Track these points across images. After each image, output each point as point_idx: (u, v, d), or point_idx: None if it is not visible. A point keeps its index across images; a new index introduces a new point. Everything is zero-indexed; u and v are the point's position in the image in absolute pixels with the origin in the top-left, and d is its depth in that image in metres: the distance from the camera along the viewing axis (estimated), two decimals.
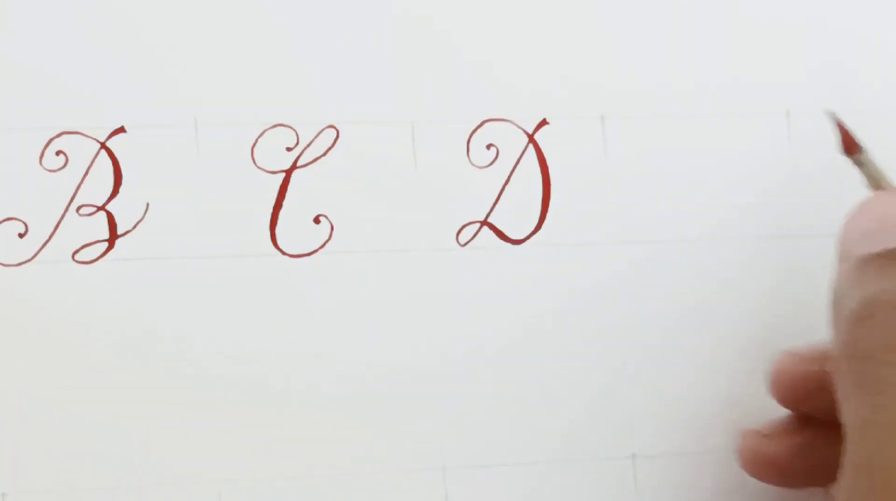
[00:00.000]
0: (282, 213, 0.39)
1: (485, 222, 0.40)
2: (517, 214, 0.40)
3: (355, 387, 0.38)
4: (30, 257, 0.38)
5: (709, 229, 0.41)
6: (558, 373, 0.40)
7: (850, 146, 0.39)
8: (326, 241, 0.39)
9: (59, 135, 0.39)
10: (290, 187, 0.39)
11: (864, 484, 0.32)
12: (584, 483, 0.39)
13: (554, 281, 0.40)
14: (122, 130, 0.39)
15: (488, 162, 0.40)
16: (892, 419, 0.32)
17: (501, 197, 0.40)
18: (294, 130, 0.40)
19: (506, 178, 0.40)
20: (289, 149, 0.39)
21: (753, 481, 0.39)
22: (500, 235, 0.40)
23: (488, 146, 0.40)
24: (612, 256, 0.40)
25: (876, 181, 0.38)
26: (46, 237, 0.38)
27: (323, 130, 0.40)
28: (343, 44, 0.40)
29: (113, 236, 0.38)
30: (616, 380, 0.40)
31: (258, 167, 0.39)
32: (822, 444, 0.35)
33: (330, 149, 0.40)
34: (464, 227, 0.40)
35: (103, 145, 0.39)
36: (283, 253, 0.39)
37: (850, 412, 0.33)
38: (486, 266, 0.40)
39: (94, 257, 0.38)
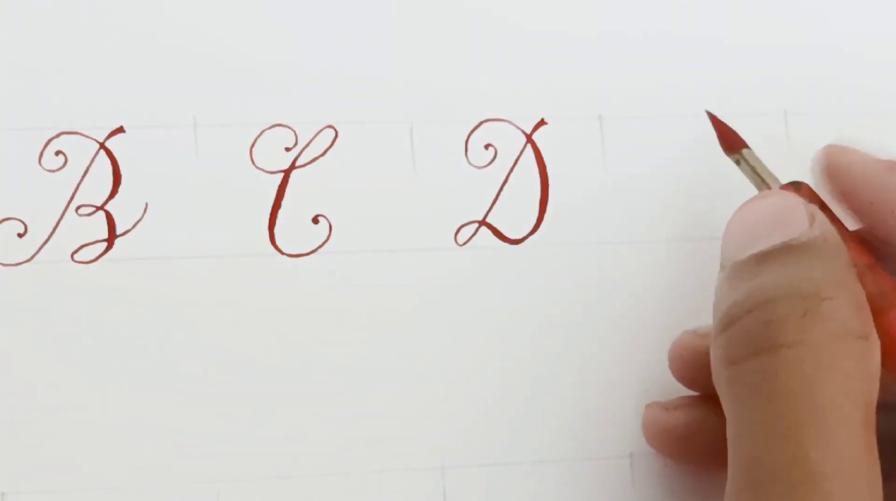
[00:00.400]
0: (280, 213, 0.39)
1: (483, 222, 0.40)
2: (515, 214, 0.40)
3: (354, 387, 0.39)
4: (29, 256, 0.38)
5: (707, 229, 0.41)
6: (556, 372, 0.40)
7: (732, 143, 0.39)
8: (325, 241, 0.39)
9: (58, 135, 0.39)
10: (288, 187, 0.39)
11: (740, 484, 0.32)
12: (582, 481, 0.39)
13: (552, 281, 0.40)
14: (121, 130, 0.39)
15: (487, 162, 0.40)
16: (757, 420, 0.32)
17: (500, 197, 0.40)
18: (293, 130, 0.40)
19: (504, 178, 0.40)
20: (287, 149, 0.40)
21: None
22: (499, 234, 0.40)
23: (486, 146, 0.40)
24: (610, 255, 0.40)
25: (759, 179, 0.38)
26: (46, 237, 0.38)
27: (321, 130, 0.40)
28: (341, 44, 0.40)
29: (112, 236, 0.39)
30: (614, 379, 0.40)
31: (257, 167, 0.39)
32: (719, 421, 0.35)
33: (328, 149, 0.40)
34: (462, 227, 0.40)
35: (102, 146, 0.39)
36: (282, 253, 0.39)
37: (727, 415, 0.33)
38: (484, 266, 0.40)
39: (94, 256, 0.38)
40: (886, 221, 0.36)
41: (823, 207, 0.36)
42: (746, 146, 0.39)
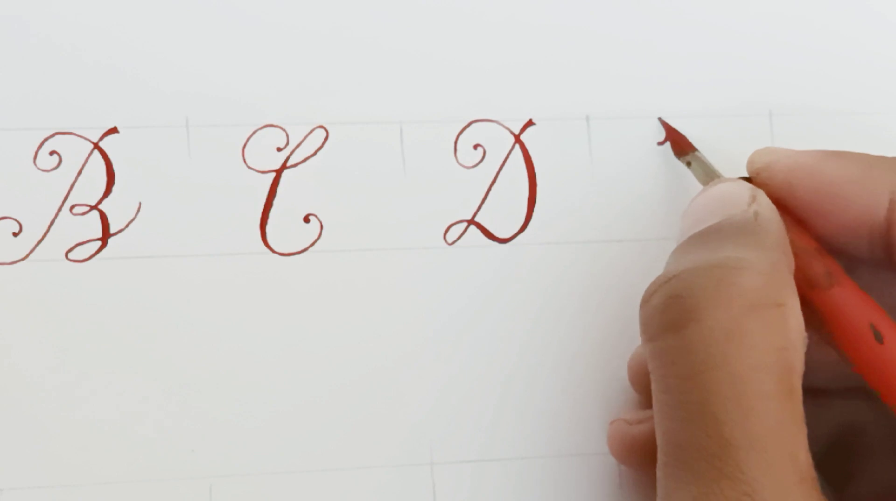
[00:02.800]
0: (272, 212, 0.39)
1: (472, 222, 0.40)
2: (504, 213, 0.40)
3: (345, 384, 0.39)
4: (24, 255, 0.38)
5: None
6: (544, 369, 0.40)
7: (683, 147, 0.39)
8: (316, 240, 0.40)
9: (52, 135, 0.39)
10: (280, 187, 0.40)
11: (664, 458, 0.33)
12: (571, 477, 0.40)
13: (540, 279, 0.40)
14: (114, 130, 0.39)
15: (475, 162, 0.41)
16: (673, 395, 0.32)
17: (488, 197, 0.40)
18: (284, 130, 0.40)
19: (492, 177, 0.41)
20: (279, 149, 0.40)
21: None
22: (487, 234, 0.40)
23: (475, 146, 0.41)
24: (597, 254, 0.40)
25: (708, 179, 0.39)
26: (40, 236, 0.38)
27: (313, 130, 0.40)
28: (332, 45, 0.40)
29: (106, 235, 0.39)
30: (602, 376, 0.40)
31: (249, 167, 0.40)
32: None
33: (319, 149, 0.40)
34: (451, 226, 0.40)
35: (96, 146, 0.39)
36: (274, 251, 0.39)
37: (652, 390, 0.34)
38: (473, 265, 0.40)
39: (88, 255, 0.39)
40: (826, 209, 0.36)
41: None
42: (695, 149, 0.39)
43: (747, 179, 0.37)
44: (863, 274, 0.36)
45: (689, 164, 0.39)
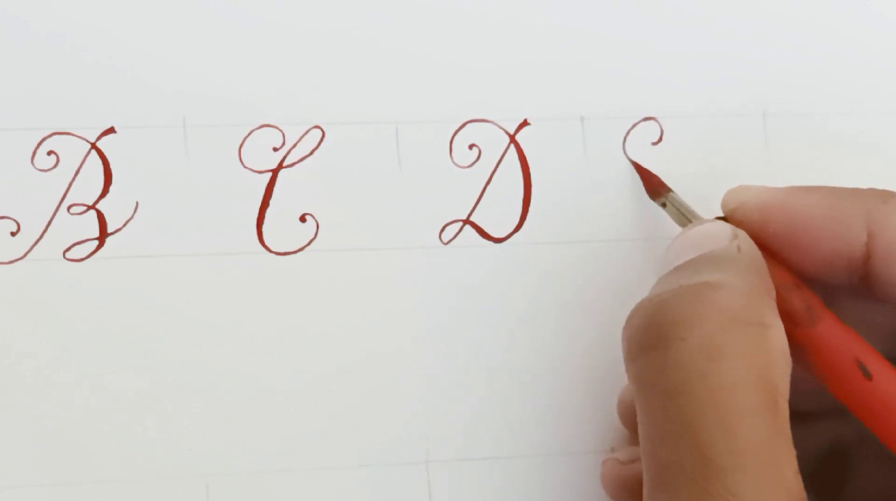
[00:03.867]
0: (268, 212, 0.40)
1: (467, 221, 0.40)
2: (499, 212, 0.40)
3: (340, 383, 0.39)
4: (21, 255, 0.38)
5: None
6: (539, 368, 0.40)
7: (657, 189, 0.39)
8: (312, 239, 0.40)
9: (50, 135, 0.39)
10: (276, 187, 0.40)
11: (650, 483, 0.32)
12: (566, 475, 0.40)
13: (535, 278, 0.40)
14: (112, 130, 0.39)
15: (471, 162, 0.41)
16: (657, 417, 0.32)
17: (483, 196, 0.41)
18: (280, 130, 0.40)
19: (488, 177, 0.41)
20: (275, 149, 0.40)
21: None
22: (483, 233, 0.40)
23: (471, 146, 0.41)
24: (593, 254, 0.41)
25: (684, 219, 0.39)
26: (38, 236, 0.39)
27: (309, 130, 0.40)
28: (329, 45, 0.41)
29: (103, 235, 0.39)
30: (597, 375, 0.40)
31: (245, 167, 0.40)
32: None
33: (315, 149, 0.40)
34: (447, 225, 0.40)
35: (94, 146, 0.39)
36: (270, 251, 0.39)
37: (636, 413, 0.33)
38: (468, 264, 0.40)
39: (85, 255, 0.39)
40: (801, 244, 0.36)
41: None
42: (670, 190, 0.39)
43: (722, 219, 0.37)
44: (841, 304, 0.36)
45: (663, 205, 0.39)
